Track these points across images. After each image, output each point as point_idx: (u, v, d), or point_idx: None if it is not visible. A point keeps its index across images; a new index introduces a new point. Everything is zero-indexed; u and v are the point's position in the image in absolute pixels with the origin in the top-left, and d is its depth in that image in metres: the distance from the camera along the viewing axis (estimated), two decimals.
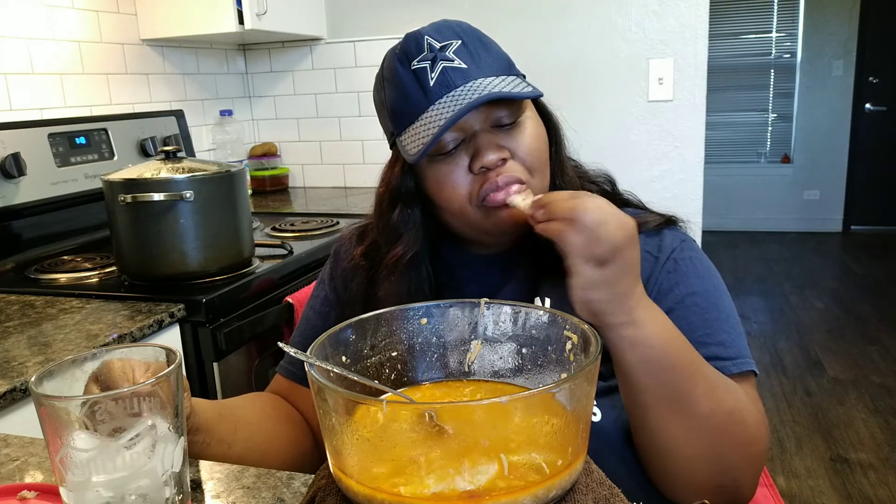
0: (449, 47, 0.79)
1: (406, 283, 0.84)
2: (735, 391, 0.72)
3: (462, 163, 0.79)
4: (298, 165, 2.76)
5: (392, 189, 0.86)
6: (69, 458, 0.48)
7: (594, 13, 2.34)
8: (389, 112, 0.83)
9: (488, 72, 0.79)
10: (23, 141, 1.68)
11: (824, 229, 5.84)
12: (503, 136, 0.80)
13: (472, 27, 0.84)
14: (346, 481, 0.47)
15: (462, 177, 0.79)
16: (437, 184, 0.81)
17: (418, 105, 0.78)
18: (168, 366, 0.52)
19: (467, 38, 0.81)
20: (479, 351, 0.62)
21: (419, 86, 0.78)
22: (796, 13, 5.64)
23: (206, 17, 2.11)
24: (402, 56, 0.81)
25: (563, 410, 0.46)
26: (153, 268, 1.41)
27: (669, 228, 0.87)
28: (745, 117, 5.91)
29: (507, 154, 0.79)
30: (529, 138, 0.81)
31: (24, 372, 1.02)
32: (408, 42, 0.81)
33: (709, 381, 0.70)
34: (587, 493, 0.48)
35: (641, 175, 2.36)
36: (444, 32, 0.81)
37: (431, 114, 0.77)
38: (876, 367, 3.22)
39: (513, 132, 0.80)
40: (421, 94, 0.78)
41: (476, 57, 0.80)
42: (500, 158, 0.78)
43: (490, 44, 0.83)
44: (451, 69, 0.78)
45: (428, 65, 0.78)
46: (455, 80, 0.77)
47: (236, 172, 1.46)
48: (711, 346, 0.77)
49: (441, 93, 0.77)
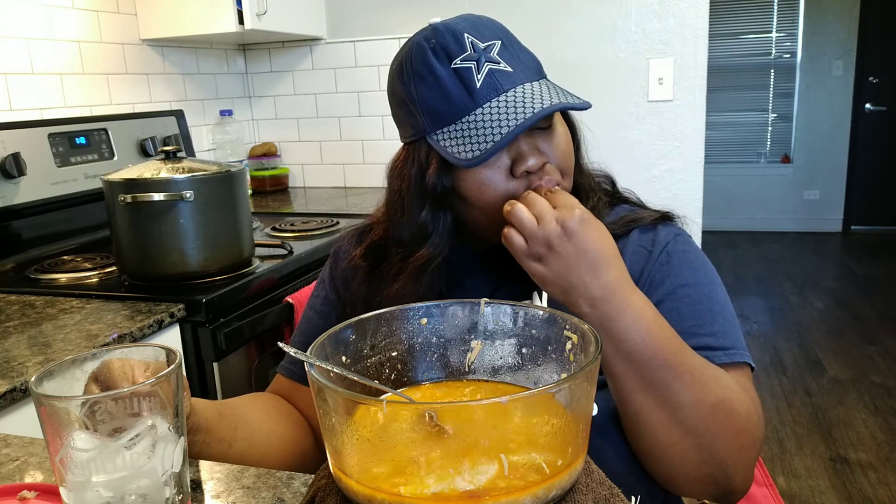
0: (492, 48, 0.79)
1: (423, 284, 0.84)
2: (725, 381, 0.73)
3: (503, 165, 0.79)
4: (298, 165, 2.76)
5: (424, 188, 0.82)
6: (69, 458, 0.48)
7: (594, 13, 2.34)
8: (422, 109, 0.80)
9: (529, 75, 0.80)
10: (23, 141, 1.68)
11: (824, 229, 5.84)
12: (540, 140, 0.80)
13: (504, 26, 0.84)
14: (346, 481, 0.47)
15: (504, 180, 0.79)
16: (478, 186, 0.80)
17: (462, 106, 0.77)
18: (168, 366, 0.52)
19: (505, 38, 0.81)
20: (479, 351, 0.62)
21: (463, 86, 0.78)
22: (796, 13, 5.64)
23: (206, 17, 2.11)
24: (441, 52, 0.79)
25: (563, 410, 0.46)
26: (153, 268, 1.41)
27: (664, 224, 0.88)
28: (745, 117, 5.91)
29: (546, 158, 0.80)
30: (562, 143, 0.83)
31: (24, 372, 1.02)
32: (444, 37, 0.79)
33: (693, 372, 0.71)
34: (587, 493, 0.48)
35: (641, 175, 2.36)
36: (484, 32, 0.80)
37: (483, 118, 0.77)
38: (876, 367, 3.22)
39: (548, 136, 0.81)
40: (466, 95, 0.77)
41: (517, 59, 0.80)
42: (542, 163, 0.79)
43: (522, 46, 0.84)
44: (498, 72, 0.78)
45: (473, 66, 0.78)
46: (503, 84, 0.77)
47: (236, 172, 1.46)
48: (702, 337, 0.78)
49: (489, 96, 0.77)
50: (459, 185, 0.81)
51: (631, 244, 0.85)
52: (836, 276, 4.71)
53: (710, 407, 0.70)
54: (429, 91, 0.79)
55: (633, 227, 0.87)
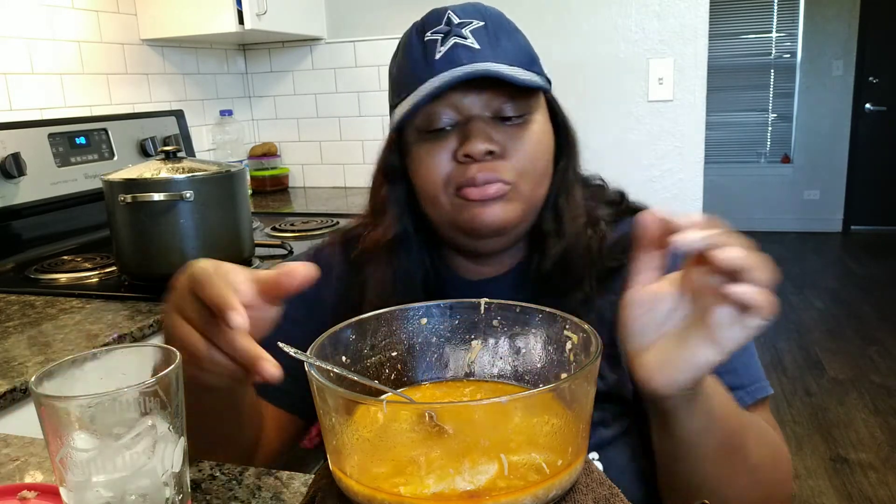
0: (467, 25, 0.75)
1: (392, 268, 0.80)
2: (768, 434, 0.68)
3: (449, 146, 0.74)
4: (298, 165, 2.76)
5: (379, 165, 0.82)
6: (69, 458, 0.48)
7: (594, 13, 2.34)
8: (392, 81, 0.79)
9: (502, 58, 0.73)
10: (23, 141, 1.68)
11: (824, 229, 5.84)
12: (500, 130, 0.74)
13: (503, 15, 0.79)
14: (346, 481, 0.47)
15: (445, 160, 0.74)
16: (418, 162, 0.76)
17: (419, 76, 0.74)
18: (168, 366, 0.52)
19: (492, 21, 0.76)
20: (479, 351, 0.62)
21: (424, 57, 0.75)
22: (796, 13, 5.64)
23: (206, 17, 2.11)
24: (421, 26, 0.78)
25: (564, 410, 0.46)
26: (153, 268, 1.41)
27: None
28: (745, 117, 5.91)
29: (496, 148, 0.73)
30: (530, 141, 0.75)
31: (24, 372, 1.02)
32: (430, 14, 0.78)
33: (753, 427, 0.66)
34: (587, 493, 0.48)
35: (641, 175, 2.36)
36: (469, 11, 0.77)
37: (426, 85, 0.73)
38: (876, 367, 3.22)
39: (513, 129, 0.75)
40: (424, 66, 0.74)
41: (493, 41, 0.74)
42: (488, 151, 0.72)
43: (514, 33, 0.78)
44: (462, 46, 0.73)
45: (440, 38, 0.74)
46: (461, 58, 0.73)
47: (236, 172, 1.46)
48: (722, 376, 0.68)
49: (443, 68, 0.73)
50: (407, 161, 0.78)
51: None
52: (836, 276, 4.71)
53: (770, 462, 0.67)
54: (402, 63, 0.78)
55: None
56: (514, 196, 0.75)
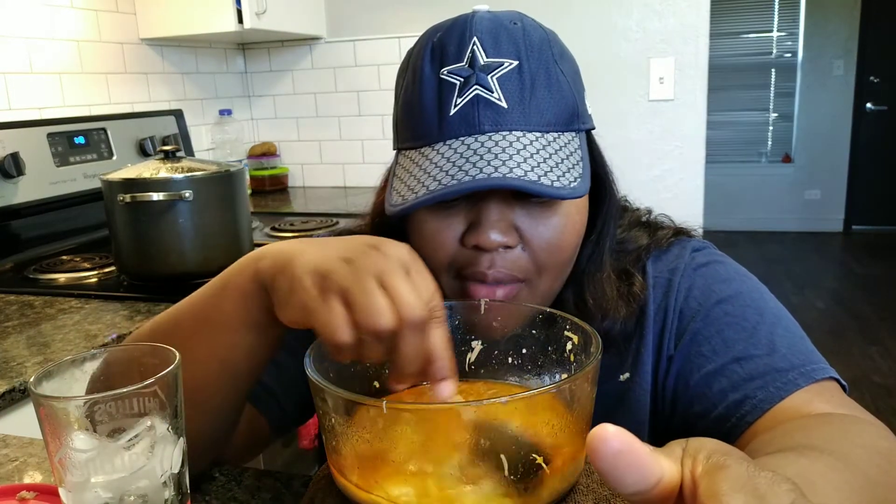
0: (496, 70, 0.59)
1: None
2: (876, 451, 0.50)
3: (456, 226, 0.62)
4: (298, 165, 2.76)
5: (377, 223, 0.71)
6: (68, 458, 0.48)
7: (595, 13, 2.33)
8: (400, 109, 0.66)
9: (534, 122, 0.60)
10: (22, 140, 1.68)
11: (825, 229, 5.84)
12: (521, 215, 0.61)
13: (547, 41, 0.64)
14: (345, 482, 0.46)
15: (449, 242, 0.62)
16: (417, 234, 0.64)
17: (427, 132, 0.61)
18: (168, 366, 0.52)
19: (529, 61, 0.61)
20: (479, 351, 0.62)
21: (437, 105, 0.60)
22: (797, 12, 5.64)
23: (205, 17, 2.11)
24: (437, 51, 0.62)
25: (564, 410, 0.46)
26: (152, 268, 1.41)
27: (679, 240, 0.75)
28: (745, 117, 5.91)
29: (514, 241, 0.61)
30: (556, 228, 0.62)
31: (23, 372, 1.02)
32: (451, 34, 0.62)
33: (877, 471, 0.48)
34: (587, 494, 0.48)
35: (642, 175, 2.36)
36: (502, 43, 0.61)
37: (434, 159, 0.59)
38: (876, 367, 3.22)
39: (537, 211, 0.61)
40: (434, 119, 0.60)
41: (526, 95, 0.60)
42: (503, 245, 0.60)
43: (556, 77, 0.62)
44: (484, 102, 0.59)
45: (459, 83, 0.59)
46: (482, 123, 0.59)
47: (235, 172, 1.46)
48: (760, 358, 0.61)
49: (458, 131, 0.59)
50: (405, 222, 0.66)
51: (647, 285, 0.70)
52: (837, 276, 4.70)
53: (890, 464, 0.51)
54: (409, 97, 0.64)
55: (646, 263, 0.71)
56: (527, 292, 0.65)
